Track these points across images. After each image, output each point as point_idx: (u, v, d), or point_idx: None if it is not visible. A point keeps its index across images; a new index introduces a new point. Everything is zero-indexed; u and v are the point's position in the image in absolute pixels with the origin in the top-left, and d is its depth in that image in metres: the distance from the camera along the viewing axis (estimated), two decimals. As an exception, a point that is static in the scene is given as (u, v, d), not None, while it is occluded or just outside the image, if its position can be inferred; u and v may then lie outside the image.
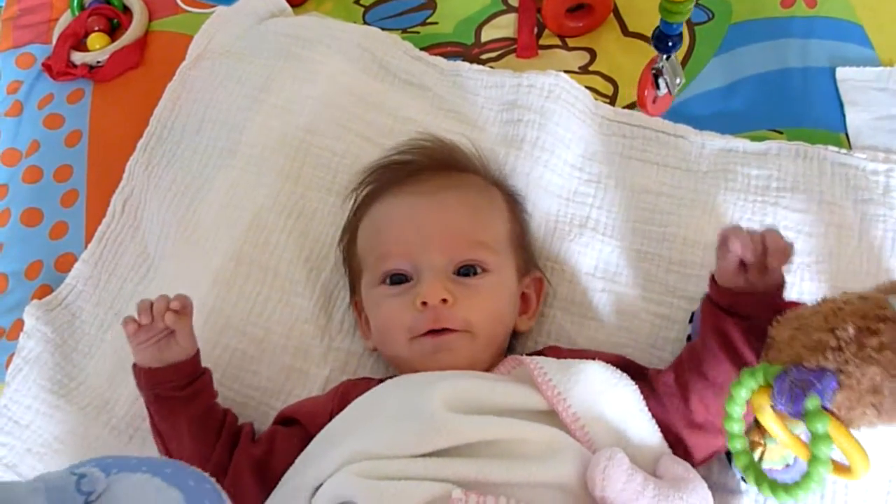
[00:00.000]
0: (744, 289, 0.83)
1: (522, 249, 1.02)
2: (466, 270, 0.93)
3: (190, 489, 0.63)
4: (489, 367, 0.93)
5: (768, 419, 0.73)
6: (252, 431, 0.96)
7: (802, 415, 0.68)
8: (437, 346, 0.90)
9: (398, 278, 0.94)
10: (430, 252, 0.93)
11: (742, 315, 0.83)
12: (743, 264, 0.82)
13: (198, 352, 0.93)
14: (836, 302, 0.72)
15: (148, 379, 0.91)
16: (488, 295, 0.93)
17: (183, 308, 0.89)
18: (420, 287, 0.91)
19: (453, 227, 0.95)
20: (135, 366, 0.92)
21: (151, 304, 0.89)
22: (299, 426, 0.92)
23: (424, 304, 0.90)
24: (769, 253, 0.80)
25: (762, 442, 0.84)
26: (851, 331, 0.67)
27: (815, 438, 0.67)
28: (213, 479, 0.67)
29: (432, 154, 1.04)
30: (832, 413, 0.68)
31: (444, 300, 0.90)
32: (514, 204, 1.05)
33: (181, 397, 0.91)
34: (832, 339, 0.68)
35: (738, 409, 0.74)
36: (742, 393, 0.73)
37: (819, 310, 0.72)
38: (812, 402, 0.67)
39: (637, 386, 0.87)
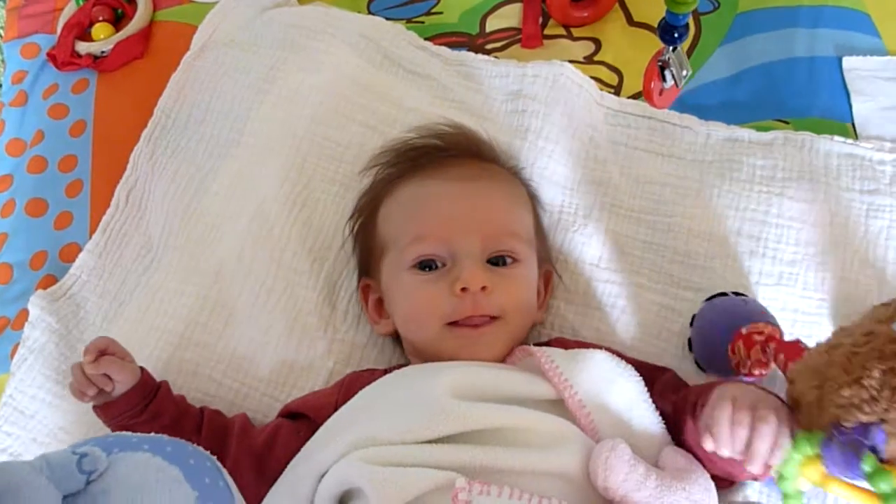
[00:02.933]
0: None
1: (542, 241, 1.02)
2: (496, 259, 0.93)
3: (190, 467, 0.63)
4: (502, 359, 0.93)
5: (838, 489, 0.69)
6: (247, 422, 0.95)
7: (863, 476, 0.65)
8: (476, 340, 0.90)
9: (429, 263, 0.93)
10: (468, 238, 0.92)
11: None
12: None
13: (145, 376, 0.91)
14: (844, 346, 0.69)
15: (105, 414, 0.90)
16: (520, 284, 0.94)
17: (102, 351, 0.88)
18: (459, 272, 0.91)
19: (492, 215, 0.95)
20: (93, 408, 0.91)
21: (84, 375, 0.87)
22: (306, 420, 0.92)
23: (464, 290, 0.89)
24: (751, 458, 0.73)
25: None
26: (877, 375, 0.65)
27: (886, 498, 0.65)
28: (214, 458, 0.67)
29: (459, 142, 1.04)
30: (889, 462, 0.65)
31: (484, 287, 0.90)
32: (534, 198, 1.06)
33: (142, 421, 0.89)
34: (863, 392, 0.65)
35: (791, 485, 0.71)
36: (791, 470, 0.70)
37: (832, 360, 0.69)
38: (869, 463, 0.65)
39: (641, 378, 0.87)
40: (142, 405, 0.90)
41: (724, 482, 0.84)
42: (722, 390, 0.76)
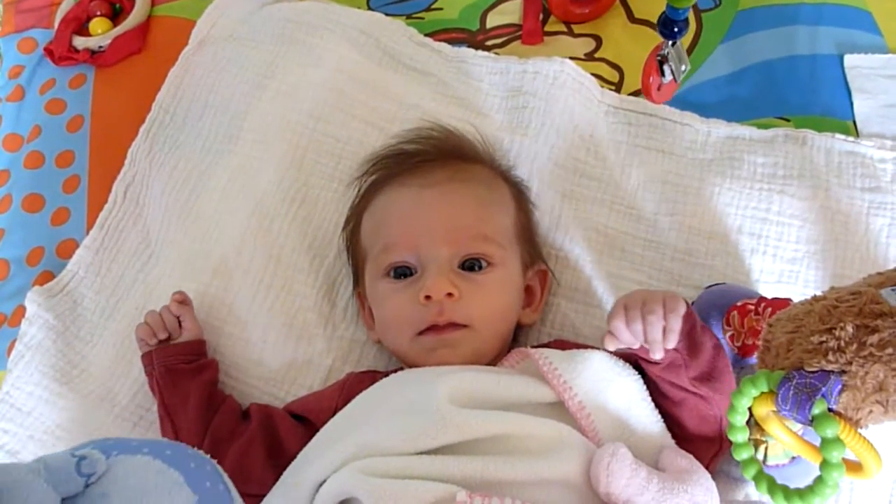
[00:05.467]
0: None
1: (528, 242, 1.01)
2: (471, 264, 0.93)
3: (191, 470, 0.63)
4: (494, 361, 0.92)
5: (775, 428, 0.72)
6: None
7: (810, 420, 0.67)
8: (440, 343, 0.90)
9: (402, 271, 0.93)
10: (435, 245, 0.92)
11: (653, 362, 0.83)
12: None
13: (205, 341, 0.98)
14: (829, 299, 0.71)
15: (159, 354, 0.96)
16: (493, 290, 0.93)
17: (183, 300, 0.98)
18: (424, 281, 0.91)
19: (459, 220, 0.94)
20: (145, 354, 0.97)
21: (161, 316, 0.97)
22: (305, 421, 0.92)
23: (428, 297, 0.89)
24: (651, 346, 0.80)
25: (764, 439, 0.84)
26: (850, 329, 0.67)
27: (826, 443, 0.66)
28: (214, 461, 0.67)
29: (439, 144, 1.04)
30: (839, 415, 0.67)
31: (450, 294, 0.89)
32: (520, 196, 1.04)
33: (189, 369, 0.95)
34: (832, 340, 0.67)
35: (739, 419, 0.73)
36: (743, 402, 0.72)
37: (812, 309, 0.71)
38: (819, 407, 0.66)
39: (640, 376, 0.87)
40: (195, 356, 0.97)
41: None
42: (617, 300, 0.83)
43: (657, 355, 0.80)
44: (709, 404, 0.84)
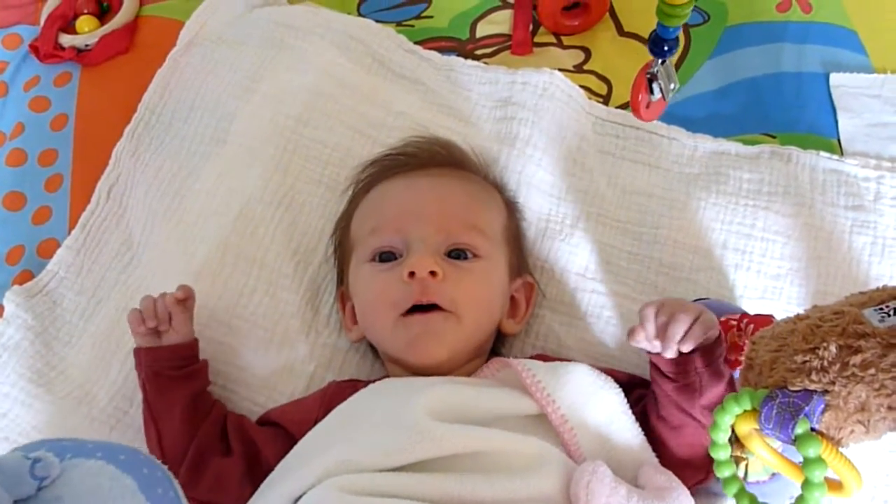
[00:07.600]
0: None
1: (517, 249, 1.01)
2: (458, 254, 0.92)
3: (143, 476, 0.62)
4: (473, 370, 0.92)
5: (757, 446, 0.72)
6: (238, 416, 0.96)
7: (793, 440, 0.67)
8: (423, 328, 0.89)
9: (388, 256, 0.93)
10: (423, 227, 0.92)
11: (671, 378, 0.83)
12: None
13: (196, 342, 0.95)
14: (812, 319, 0.71)
15: (147, 357, 0.93)
16: (479, 279, 0.92)
17: (185, 298, 0.94)
18: (409, 259, 0.90)
19: (450, 207, 0.94)
20: (136, 349, 0.95)
21: (154, 303, 0.93)
22: (283, 430, 0.91)
23: (412, 275, 0.88)
24: (666, 342, 0.80)
25: (745, 456, 0.84)
26: (833, 349, 0.67)
27: (808, 462, 0.66)
28: (165, 467, 0.66)
29: (435, 151, 1.04)
30: (821, 434, 0.67)
31: (434, 273, 0.88)
32: (511, 206, 1.05)
33: (177, 376, 0.92)
34: (815, 360, 0.67)
35: (722, 436, 0.73)
36: (726, 419, 0.72)
37: (795, 328, 0.71)
38: (802, 426, 0.66)
39: (621, 390, 0.87)
40: (184, 363, 0.93)
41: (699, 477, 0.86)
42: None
43: (669, 353, 0.80)
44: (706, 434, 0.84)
